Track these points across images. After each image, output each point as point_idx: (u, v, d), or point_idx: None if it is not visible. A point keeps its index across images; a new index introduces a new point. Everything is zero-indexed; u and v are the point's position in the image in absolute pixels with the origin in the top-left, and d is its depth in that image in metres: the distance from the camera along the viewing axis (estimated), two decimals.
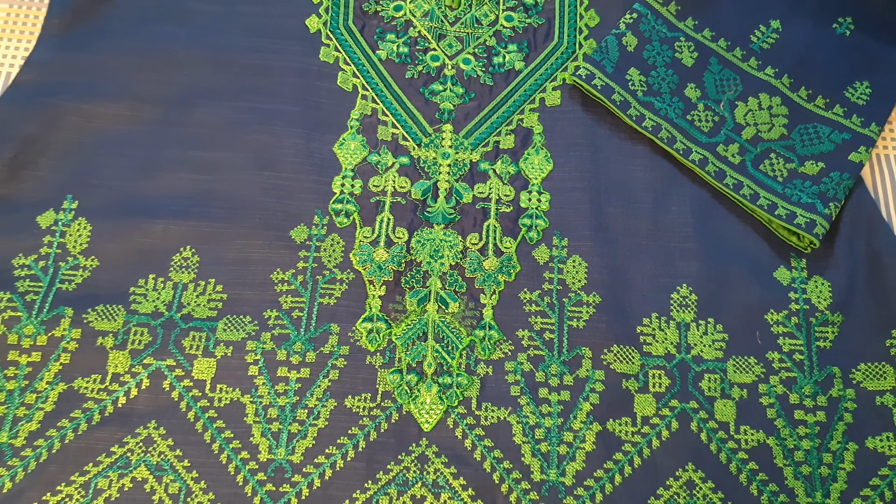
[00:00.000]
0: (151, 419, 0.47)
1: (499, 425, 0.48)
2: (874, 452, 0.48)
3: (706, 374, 0.50)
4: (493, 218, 0.54)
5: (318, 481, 0.46)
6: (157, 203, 0.52)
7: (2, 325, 0.49)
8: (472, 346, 0.50)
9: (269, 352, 0.49)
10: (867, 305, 0.52)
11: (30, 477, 0.45)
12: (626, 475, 0.47)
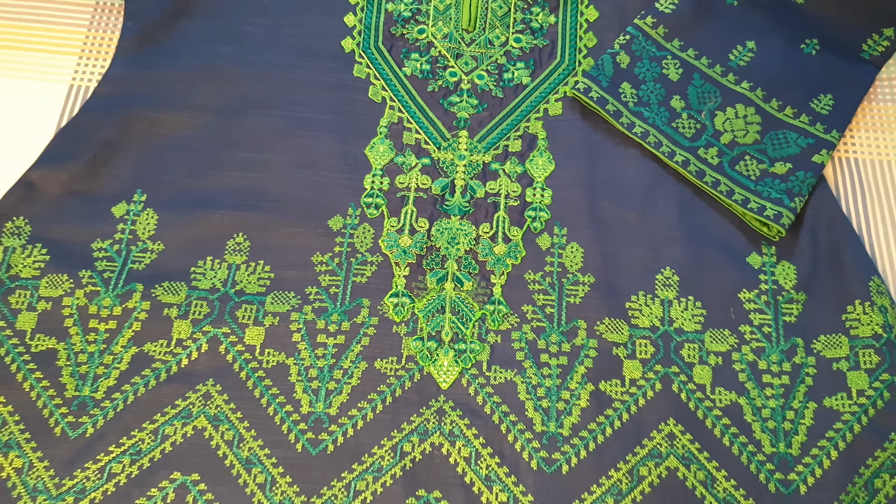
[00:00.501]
0: (209, 378, 0.56)
1: (506, 385, 0.56)
2: (830, 410, 0.55)
3: (686, 344, 0.58)
4: (503, 210, 0.62)
5: (352, 430, 0.54)
6: (214, 197, 0.61)
7: (84, 297, 0.57)
8: (484, 319, 0.58)
9: (310, 322, 0.58)
10: (827, 286, 0.59)
11: (108, 424, 0.54)
12: (615, 428, 0.55)
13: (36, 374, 0.55)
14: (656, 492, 0.53)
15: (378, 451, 0.54)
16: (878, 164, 0.65)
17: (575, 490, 0.53)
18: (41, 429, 0.53)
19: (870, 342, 0.57)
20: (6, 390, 0.54)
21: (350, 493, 0.52)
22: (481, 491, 0.53)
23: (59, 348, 0.56)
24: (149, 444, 0.53)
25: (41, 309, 0.57)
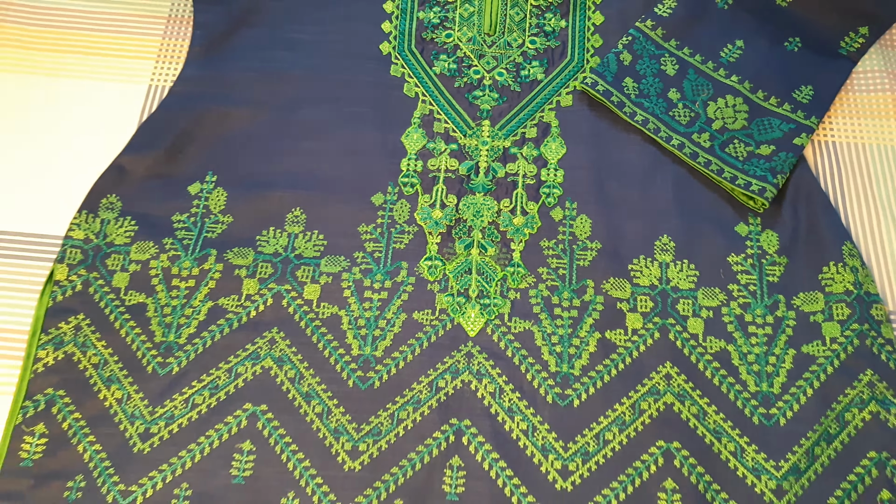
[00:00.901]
0: (274, 326, 0.66)
1: (524, 333, 0.66)
2: (807, 355, 0.64)
3: (681, 300, 0.67)
4: (521, 188, 0.72)
5: (394, 369, 0.64)
6: (275, 178, 0.72)
7: (167, 260, 0.68)
8: (505, 279, 0.68)
9: (358, 280, 0.68)
10: (805, 251, 0.68)
11: (190, 364, 0.64)
12: (619, 369, 0.64)
13: (130, 323, 0.65)
14: (655, 423, 0.62)
15: (417, 386, 0.64)
16: (853, 146, 0.74)
17: (584, 420, 0.62)
18: (136, 367, 0.64)
19: (842, 297, 0.66)
20: (106, 336, 0.65)
21: (394, 421, 0.62)
22: (504, 420, 0.62)
23: (147, 302, 0.66)
24: (224, 381, 0.64)
25: (132, 270, 0.68)
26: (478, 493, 0.60)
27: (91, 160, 0.73)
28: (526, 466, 0.61)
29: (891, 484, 0.60)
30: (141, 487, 0.59)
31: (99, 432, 0.61)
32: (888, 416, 0.62)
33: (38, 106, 0.75)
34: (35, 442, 0.61)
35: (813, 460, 0.61)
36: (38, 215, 0.70)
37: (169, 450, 0.61)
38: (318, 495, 0.60)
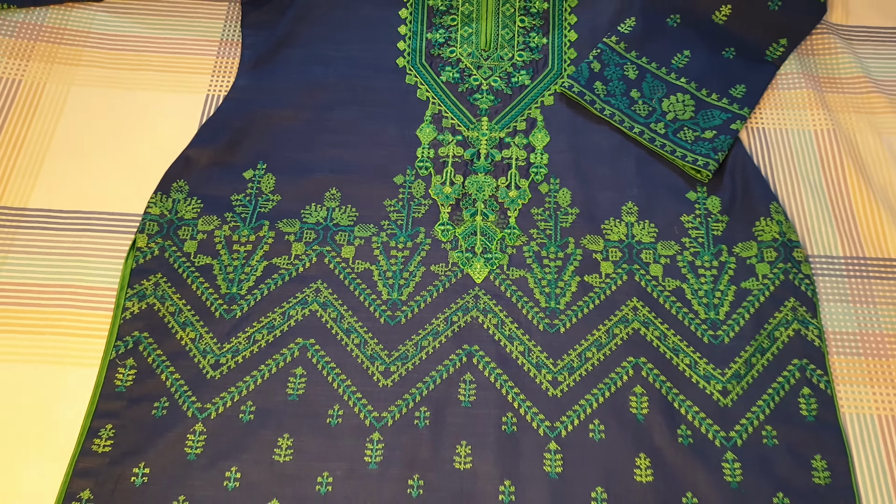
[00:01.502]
0: (318, 279, 0.82)
1: (520, 279, 0.82)
2: (744, 289, 0.81)
3: (644, 250, 0.84)
4: (514, 168, 0.89)
5: (417, 310, 0.80)
6: (314, 165, 0.89)
7: (228, 230, 0.84)
8: (503, 238, 0.85)
9: (385, 242, 0.84)
10: (741, 210, 0.86)
11: (251, 310, 0.80)
12: (595, 304, 0.80)
13: (199, 280, 0.81)
14: (626, 344, 0.78)
15: (435, 321, 0.79)
16: (778, 131, 0.93)
17: (569, 343, 0.78)
18: (205, 314, 0.79)
19: (770, 244, 0.83)
20: (180, 290, 0.81)
21: (417, 348, 0.78)
22: (505, 345, 0.78)
23: (213, 263, 0.82)
24: (279, 322, 0.79)
25: (199, 238, 0.84)
26: (486, 401, 0.75)
27: (162, 154, 0.89)
28: (524, 379, 0.77)
29: (810, 383, 0.76)
30: (214, 405, 0.75)
31: (177, 364, 0.77)
32: (807, 332, 0.78)
33: (119, 114, 0.93)
34: (126, 373, 0.76)
35: (750, 367, 0.77)
36: (123, 198, 0.87)
37: (235, 376, 0.76)
38: (358, 406, 0.75)
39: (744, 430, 0.74)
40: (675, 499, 0.71)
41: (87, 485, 0.70)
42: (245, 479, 0.71)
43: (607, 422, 0.74)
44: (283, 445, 0.73)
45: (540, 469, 0.72)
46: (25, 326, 0.78)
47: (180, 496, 0.70)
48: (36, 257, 0.82)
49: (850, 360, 0.78)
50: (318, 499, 0.70)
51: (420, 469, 0.72)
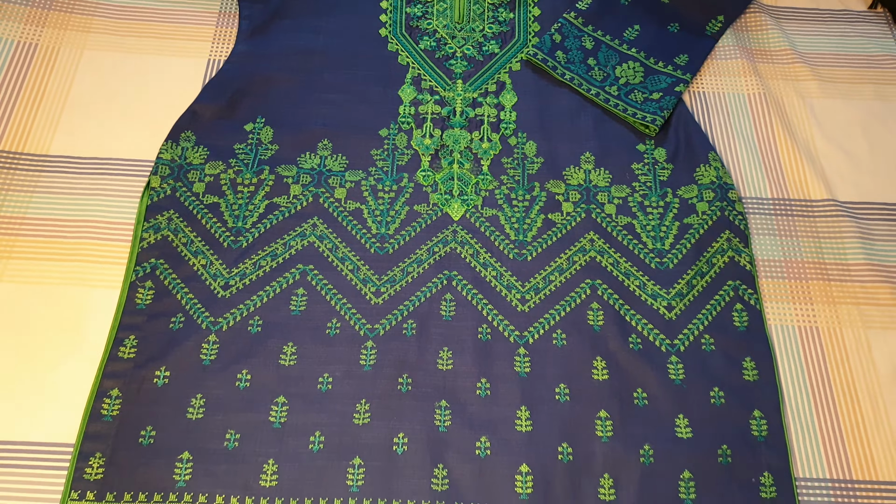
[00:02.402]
0: (315, 216, 0.94)
1: (492, 217, 0.95)
2: (687, 224, 0.95)
3: (600, 193, 0.98)
4: (486, 124, 1.03)
5: (402, 242, 0.93)
6: (308, 120, 1.01)
7: (233, 173, 0.96)
8: (478, 183, 0.98)
9: (373, 185, 0.97)
10: (685, 159, 1.00)
11: (255, 241, 0.91)
12: (558, 237, 0.94)
13: (208, 215, 0.93)
14: (584, 269, 0.92)
15: (418, 252, 0.92)
16: (715, 94, 1.08)
17: (535, 269, 0.92)
18: (214, 244, 0.91)
19: (709, 186, 0.98)
20: (191, 224, 0.92)
21: (404, 273, 0.91)
22: (480, 271, 0.91)
23: (220, 202, 0.94)
24: (281, 251, 0.91)
25: (207, 181, 0.96)
26: (464, 315, 0.88)
27: (169, 110, 1.01)
28: (496, 298, 0.90)
29: (742, 300, 0.90)
30: (225, 319, 0.86)
31: (191, 286, 0.88)
32: (740, 259, 0.93)
33: (128, 75, 1.04)
34: (145, 293, 0.87)
35: (691, 288, 0.91)
36: (136, 146, 0.98)
37: (243, 295, 0.88)
38: (353, 320, 0.87)
39: (686, 339, 0.88)
40: (627, 394, 0.84)
41: (115, 384, 0.81)
42: (255, 380, 0.83)
43: (568, 331, 0.88)
44: (287, 352, 0.85)
45: (511, 370, 0.85)
46: (53, 254, 0.89)
47: (197, 394, 0.82)
48: (59, 196, 0.93)
49: (776, 282, 0.93)
50: (319, 395, 0.82)
51: (408, 370, 0.84)
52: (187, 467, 0.78)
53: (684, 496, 0.79)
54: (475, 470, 0.79)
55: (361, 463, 0.79)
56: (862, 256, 0.94)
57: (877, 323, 0.90)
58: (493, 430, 0.81)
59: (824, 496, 0.80)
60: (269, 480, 0.78)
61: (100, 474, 0.77)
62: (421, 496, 0.77)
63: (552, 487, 0.78)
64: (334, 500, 0.77)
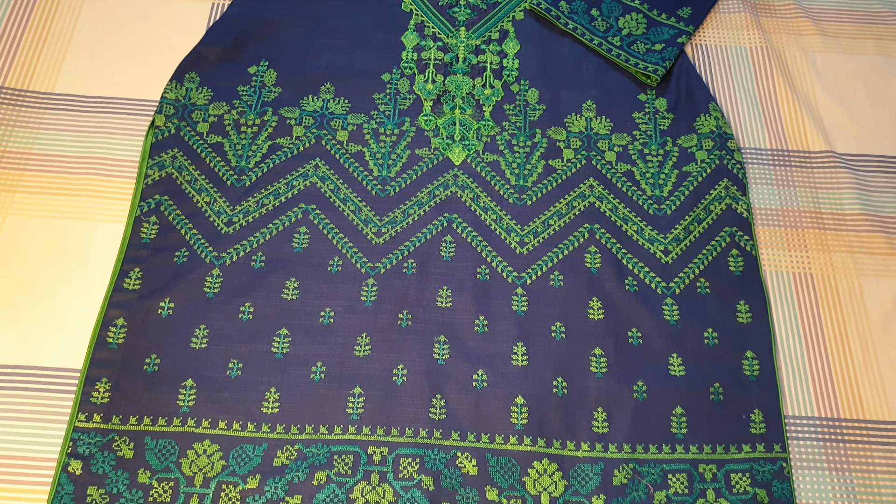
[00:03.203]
0: (317, 157, 0.97)
1: (493, 162, 0.98)
2: (686, 172, 0.98)
3: (600, 140, 1.01)
4: (489, 71, 1.05)
5: (403, 185, 0.95)
6: (311, 63, 1.03)
7: (236, 114, 0.99)
8: (479, 129, 1.01)
9: (375, 128, 0.99)
10: (685, 109, 1.03)
11: (258, 180, 0.94)
12: (558, 183, 0.97)
13: (212, 154, 0.96)
14: (583, 214, 0.95)
15: (419, 195, 0.95)
16: (718, 47, 1.10)
17: (534, 213, 0.95)
18: (218, 182, 0.94)
19: (708, 135, 1.01)
20: (195, 163, 0.95)
21: (404, 215, 0.94)
22: (480, 214, 0.94)
23: (224, 142, 0.97)
24: (283, 190, 0.94)
25: (211, 121, 0.98)
26: (464, 256, 0.91)
27: (173, 51, 1.03)
28: (495, 240, 0.93)
29: (738, 246, 0.93)
30: (228, 254, 0.89)
31: (195, 222, 0.91)
32: (737, 206, 0.96)
33: (131, 18, 1.06)
34: (150, 228, 0.90)
35: (688, 233, 0.94)
36: (140, 86, 1.00)
37: (246, 232, 0.91)
38: (355, 258, 0.90)
39: (681, 282, 0.91)
40: (622, 333, 0.88)
41: (120, 314, 0.84)
42: (258, 312, 0.86)
43: (565, 273, 0.91)
44: (290, 287, 0.88)
45: (509, 308, 0.88)
46: (60, 188, 0.92)
47: (201, 325, 0.85)
48: (64, 133, 0.96)
49: (772, 229, 0.96)
50: (321, 328, 0.86)
51: (408, 306, 0.87)
52: (191, 394, 0.81)
53: (676, 431, 0.82)
54: (472, 400, 0.82)
55: (361, 392, 0.82)
56: (858, 207, 0.97)
57: (870, 271, 0.93)
58: (489, 364, 0.85)
59: (812, 433, 0.83)
60: (270, 408, 0.81)
61: (106, 398, 0.80)
62: (419, 424, 0.81)
63: (547, 419, 0.82)
64: (334, 427, 0.80)
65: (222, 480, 0.77)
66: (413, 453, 0.79)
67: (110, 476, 0.77)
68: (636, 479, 0.80)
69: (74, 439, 0.78)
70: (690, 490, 0.79)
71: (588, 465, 0.80)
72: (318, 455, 0.79)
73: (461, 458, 0.79)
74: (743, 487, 0.79)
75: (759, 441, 0.82)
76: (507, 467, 0.79)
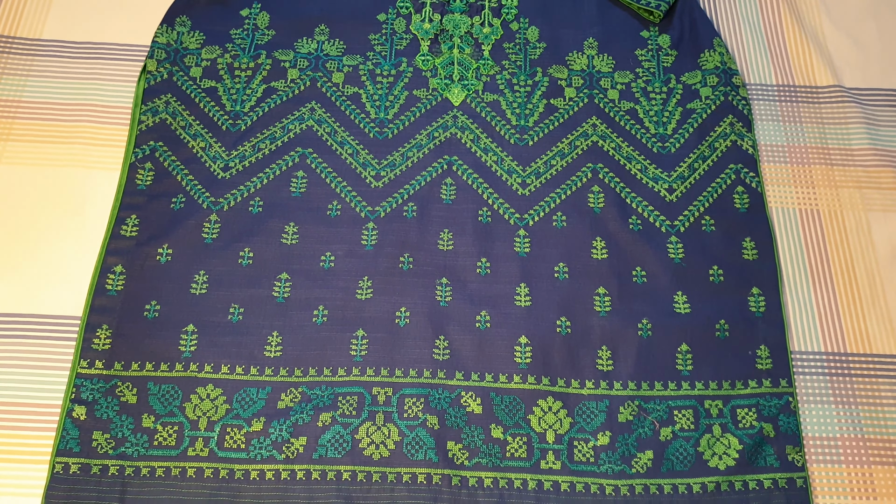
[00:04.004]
0: (313, 100, 0.96)
1: (493, 102, 0.97)
2: (690, 109, 0.97)
3: (603, 78, 1.00)
4: (487, 9, 1.04)
5: (402, 126, 0.95)
6: (305, 4, 1.02)
7: (230, 58, 0.98)
8: (478, 68, 1.00)
9: (371, 70, 0.99)
10: (688, 46, 1.02)
11: (254, 124, 0.94)
12: (560, 122, 0.96)
13: (206, 99, 0.95)
14: (585, 153, 0.95)
15: (418, 137, 0.95)
16: None
17: (536, 153, 0.94)
18: (213, 127, 0.94)
19: (713, 71, 1.00)
20: (189, 108, 0.94)
21: (404, 157, 0.93)
22: (481, 156, 0.94)
23: (217, 86, 0.96)
24: (279, 134, 0.94)
25: (204, 65, 0.97)
26: (465, 199, 0.91)
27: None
28: (497, 182, 0.93)
29: (744, 182, 0.93)
30: (226, 200, 0.89)
31: (191, 168, 0.91)
32: (743, 143, 0.95)
33: None
34: (145, 174, 0.90)
35: (693, 171, 0.94)
36: (130, 31, 0.99)
37: (243, 177, 0.91)
38: (354, 202, 0.90)
39: (686, 220, 0.91)
40: (626, 272, 0.88)
41: (118, 261, 0.85)
42: (257, 257, 0.86)
43: (568, 213, 0.91)
44: (289, 232, 0.88)
45: (511, 249, 0.89)
46: (52, 136, 0.91)
47: (200, 271, 0.85)
48: (54, 80, 0.95)
49: (778, 166, 0.96)
50: (321, 272, 0.86)
51: (410, 249, 0.88)
52: (192, 339, 0.82)
53: (681, 367, 0.83)
54: (475, 341, 0.83)
55: (364, 334, 0.83)
56: (866, 141, 0.97)
57: (878, 205, 0.93)
58: (492, 305, 0.85)
59: (819, 368, 0.84)
60: (273, 351, 0.82)
61: (107, 345, 0.81)
62: (423, 365, 0.82)
63: (550, 358, 0.83)
64: (338, 370, 0.81)
65: (226, 424, 0.78)
66: (418, 393, 0.80)
67: (115, 421, 0.78)
68: (642, 416, 0.81)
69: (77, 385, 0.79)
70: (696, 426, 0.80)
71: (593, 402, 0.81)
72: (322, 397, 0.80)
73: (466, 398, 0.81)
74: (749, 422, 0.80)
75: (765, 376, 0.83)
76: (511, 406, 0.80)
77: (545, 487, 0.77)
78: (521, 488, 0.77)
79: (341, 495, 0.76)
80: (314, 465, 0.77)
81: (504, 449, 0.79)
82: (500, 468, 0.78)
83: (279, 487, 0.76)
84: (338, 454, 0.78)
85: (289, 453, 0.77)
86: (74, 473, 0.75)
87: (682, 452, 0.79)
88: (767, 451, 0.79)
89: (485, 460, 0.78)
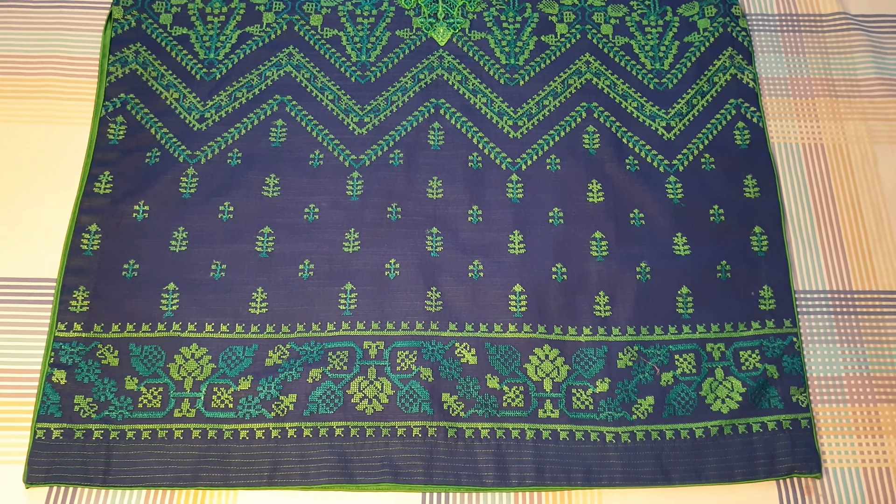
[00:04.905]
0: (290, 45, 0.93)
1: (481, 40, 0.95)
2: (687, 43, 0.95)
3: (595, 13, 0.97)
4: None
5: (385, 69, 0.92)
6: None
7: (202, 3, 0.95)
8: (464, 5, 0.97)
9: (351, 10, 0.95)
10: None
11: (229, 72, 0.91)
12: (552, 60, 0.93)
13: (178, 48, 0.92)
14: (579, 92, 0.92)
15: (402, 79, 0.92)
16: None
17: (528, 94, 0.92)
18: (187, 77, 0.91)
19: (710, 1, 0.97)
20: (161, 57, 0.92)
21: (388, 102, 0.91)
22: (469, 98, 0.92)
23: (189, 33, 0.93)
24: (256, 81, 0.91)
25: (174, 11, 0.94)
26: (454, 144, 0.89)
27: None
28: (487, 125, 0.90)
29: (744, 118, 0.91)
30: (203, 153, 0.87)
31: (165, 120, 0.89)
32: (742, 76, 0.93)
33: None
34: (117, 128, 0.88)
35: (692, 107, 0.92)
36: None
37: (220, 128, 0.89)
38: (337, 151, 0.88)
39: (685, 158, 0.89)
40: (623, 214, 0.86)
41: (93, 220, 0.83)
42: (238, 211, 0.85)
43: (563, 156, 0.89)
44: (270, 184, 0.86)
45: (504, 196, 0.87)
46: (17, 91, 0.89)
47: (179, 227, 0.83)
48: (15, 32, 0.92)
49: (781, 99, 0.93)
50: (306, 226, 0.84)
51: (397, 198, 0.86)
52: (174, 298, 0.81)
53: (682, 311, 0.82)
54: (469, 291, 0.82)
55: (353, 288, 0.82)
56: (873, 71, 0.95)
57: (884, 137, 0.91)
58: (485, 254, 0.84)
59: (823, 307, 0.83)
60: (258, 308, 0.81)
61: (85, 307, 0.79)
62: (415, 317, 0.81)
63: (546, 305, 0.82)
64: (327, 325, 0.80)
65: (213, 383, 0.78)
66: (410, 346, 0.80)
67: (97, 384, 0.77)
68: (642, 361, 0.80)
69: (56, 349, 0.77)
70: (698, 370, 0.80)
71: (591, 349, 0.80)
72: (311, 353, 0.79)
73: (460, 349, 0.80)
74: (752, 364, 0.80)
75: (768, 317, 0.82)
76: (507, 355, 0.80)
77: (543, 437, 0.77)
78: (519, 438, 0.77)
79: (334, 452, 0.75)
80: (305, 423, 0.76)
81: (500, 399, 0.78)
82: (497, 418, 0.77)
83: (270, 446, 0.75)
84: (329, 410, 0.77)
85: (279, 411, 0.76)
86: (57, 439, 0.74)
87: (684, 397, 0.79)
88: (771, 393, 0.78)
89: (481, 411, 0.77)
